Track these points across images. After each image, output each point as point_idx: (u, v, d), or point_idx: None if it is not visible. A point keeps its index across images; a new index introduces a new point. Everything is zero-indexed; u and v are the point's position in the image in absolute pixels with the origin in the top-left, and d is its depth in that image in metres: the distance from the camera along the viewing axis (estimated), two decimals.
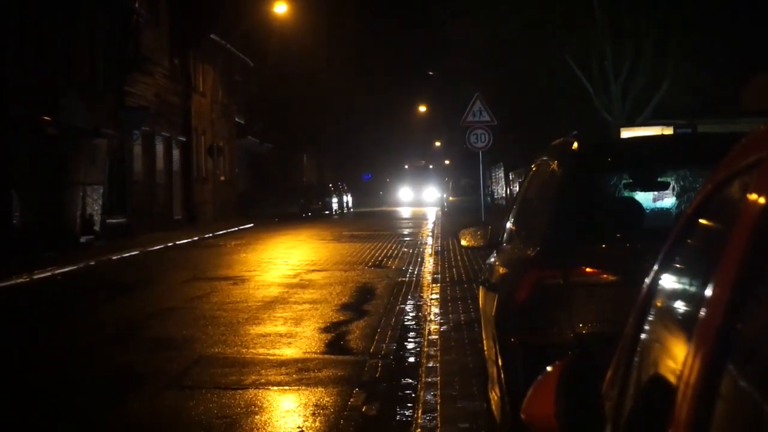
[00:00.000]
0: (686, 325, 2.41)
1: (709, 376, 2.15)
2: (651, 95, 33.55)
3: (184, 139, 51.83)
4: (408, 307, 17.81)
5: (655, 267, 2.98)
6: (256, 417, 10.01)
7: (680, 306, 2.72)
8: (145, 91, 44.14)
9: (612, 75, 34.03)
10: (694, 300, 2.45)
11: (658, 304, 2.88)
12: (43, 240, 32.16)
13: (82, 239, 34.09)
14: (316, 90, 78.26)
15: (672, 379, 2.41)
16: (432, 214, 63.71)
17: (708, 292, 2.28)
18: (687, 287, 2.70)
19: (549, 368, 3.61)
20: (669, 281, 2.87)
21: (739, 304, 2.13)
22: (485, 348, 8.35)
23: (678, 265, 2.86)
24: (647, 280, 3.03)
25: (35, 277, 25.09)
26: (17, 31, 31.04)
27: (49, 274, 25.88)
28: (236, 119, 64.20)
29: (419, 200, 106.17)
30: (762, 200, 2.16)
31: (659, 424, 2.36)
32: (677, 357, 2.44)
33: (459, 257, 26.71)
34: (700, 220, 2.78)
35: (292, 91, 73.91)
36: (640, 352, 2.93)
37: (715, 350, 2.15)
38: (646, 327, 2.92)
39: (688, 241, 2.82)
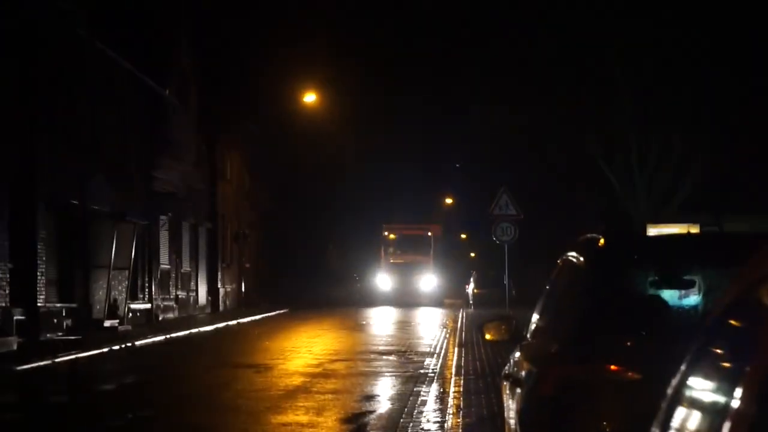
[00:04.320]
0: (715, 424, 2.40)
1: None
2: (677, 188, 33.52)
3: (210, 226, 52.04)
4: (431, 399, 17.69)
5: (683, 368, 2.97)
6: None
7: (707, 409, 2.70)
8: (172, 177, 44.39)
9: (637, 168, 34.07)
10: (720, 405, 2.43)
11: (685, 405, 2.86)
12: (67, 323, 32.22)
13: (107, 323, 34.10)
14: (342, 177, 78.46)
15: None
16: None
17: (734, 401, 2.27)
18: (714, 392, 2.68)
19: None
20: (696, 383, 2.86)
21: (764, 416, 2.11)
22: None
23: (705, 368, 2.84)
24: (674, 381, 3.02)
25: (58, 359, 25.08)
26: (48, 113, 31.35)
27: (72, 357, 25.86)
28: (262, 205, 64.46)
29: (407, 296, 64.39)
30: None
31: None
32: None
33: (482, 350, 26.57)
34: (730, 321, 2.77)
35: (319, 180, 74.17)
36: None
37: None
38: (673, 425, 2.90)
39: (716, 342, 2.81)
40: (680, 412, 2.89)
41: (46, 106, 31.23)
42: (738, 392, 2.27)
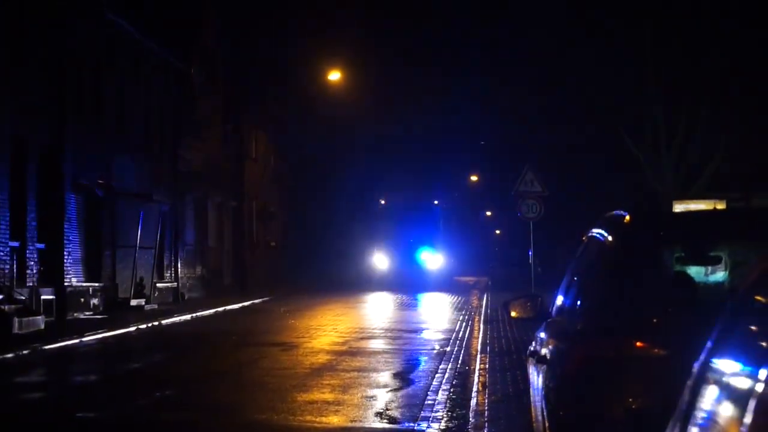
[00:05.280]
0: (740, 404, 2.38)
1: None
2: (704, 165, 33.36)
3: (235, 204, 52.13)
4: (455, 376, 17.70)
5: (709, 345, 2.95)
6: None
7: (732, 387, 2.68)
8: (198, 156, 44.49)
9: (664, 145, 33.91)
10: (746, 383, 2.41)
11: (712, 382, 2.85)
12: (94, 302, 32.39)
13: (133, 302, 34.25)
14: (368, 153, 78.29)
15: None
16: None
17: (759, 384, 2.25)
18: (740, 370, 2.66)
19: None
20: (722, 361, 2.84)
21: None
22: (533, 421, 8.29)
23: (731, 345, 2.82)
24: (701, 357, 3.00)
25: (85, 338, 25.19)
26: (76, 94, 31.45)
27: (100, 336, 25.98)
28: (287, 185, 64.46)
29: (409, 277, 55.84)
30: None
31: None
32: None
33: (508, 328, 26.56)
34: (756, 297, 2.75)
35: (343, 160, 74.11)
36: (692, 430, 2.89)
37: None
38: (699, 404, 2.88)
39: (743, 319, 2.79)
40: (706, 389, 2.87)
41: (73, 88, 31.33)
42: (763, 373, 2.26)
